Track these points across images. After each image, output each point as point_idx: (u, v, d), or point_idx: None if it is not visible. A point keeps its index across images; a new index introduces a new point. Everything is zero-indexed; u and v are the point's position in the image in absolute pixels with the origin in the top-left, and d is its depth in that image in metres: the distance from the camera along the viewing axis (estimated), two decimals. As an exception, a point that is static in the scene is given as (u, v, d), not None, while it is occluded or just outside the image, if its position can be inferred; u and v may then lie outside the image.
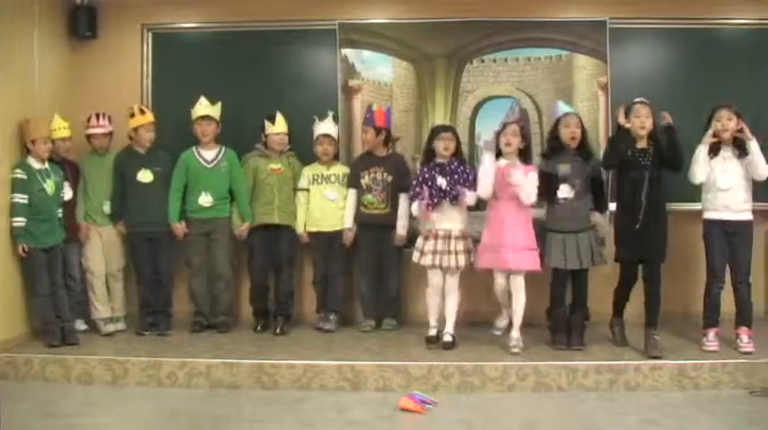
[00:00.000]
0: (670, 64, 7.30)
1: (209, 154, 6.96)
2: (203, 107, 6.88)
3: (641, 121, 6.16)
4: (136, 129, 6.84)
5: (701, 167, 6.22)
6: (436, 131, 6.51)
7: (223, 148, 7.01)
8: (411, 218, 6.75)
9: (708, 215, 6.30)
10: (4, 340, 6.25)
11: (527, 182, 6.11)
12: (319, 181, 7.05)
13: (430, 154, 6.43)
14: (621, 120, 6.18)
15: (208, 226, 6.96)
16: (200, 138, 6.92)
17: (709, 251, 6.29)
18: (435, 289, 6.41)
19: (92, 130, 6.90)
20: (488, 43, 7.32)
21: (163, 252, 6.99)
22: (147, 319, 6.94)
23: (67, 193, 6.70)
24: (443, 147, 6.37)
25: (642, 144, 6.20)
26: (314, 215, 7.05)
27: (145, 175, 6.87)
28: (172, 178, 6.94)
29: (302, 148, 7.11)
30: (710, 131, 6.14)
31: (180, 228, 6.92)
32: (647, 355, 6.02)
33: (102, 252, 6.94)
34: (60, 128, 6.73)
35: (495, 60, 7.34)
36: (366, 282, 7.06)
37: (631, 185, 6.15)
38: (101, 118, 6.89)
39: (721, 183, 6.19)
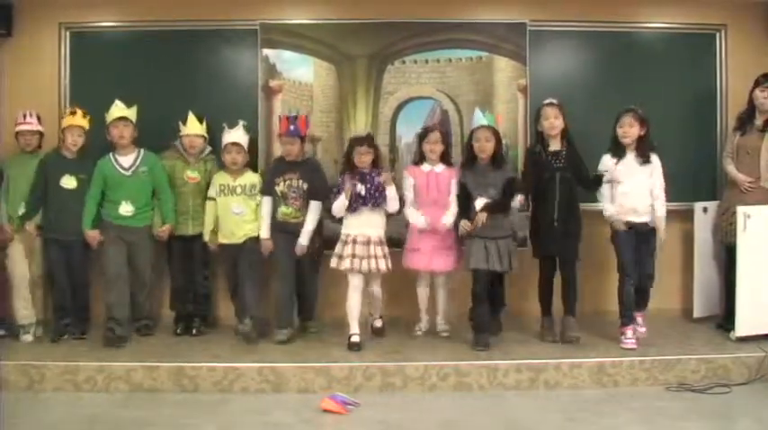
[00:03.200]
0: (589, 66, 7.43)
1: (126, 160, 6.64)
2: (119, 109, 6.59)
3: (550, 123, 6.45)
4: (64, 131, 6.62)
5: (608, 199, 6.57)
6: (352, 144, 6.60)
7: (141, 152, 6.71)
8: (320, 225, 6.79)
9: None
10: None
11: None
12: (226, 192, 6.75)
13: (350, 163, 6.48)
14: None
15: (129, 234, 6.64)
16: (117, 141, 6.61)
17: (619, 251, 6.53)
18: (357, 289, 6.47)
19: (19, 127, 6.69)
20: (410, 44, 7.35)
21: (78, 260, 6.71)
22: (61, 323, 6.68)
23: None
24: (359, 161, 6.48)
25: (554, 146, 6.49)
26: (222, 227, 6.79)
27: (69, 181, 6.60)
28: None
29: (218, 152, 6.89)
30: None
31: (93, 235, 6.58)
32: (563, 340, 6.44)
33: (25, 256, 6.71)
34: None
35: (416, 61, 7.36)
36: (283, 288, 6.67)
37: (545, 187, 6.49)
38: (28, 116, 6.70)
39: (624, 188, 6.49)
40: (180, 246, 6.93)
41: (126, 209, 6.61)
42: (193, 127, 6.80)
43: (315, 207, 6.61)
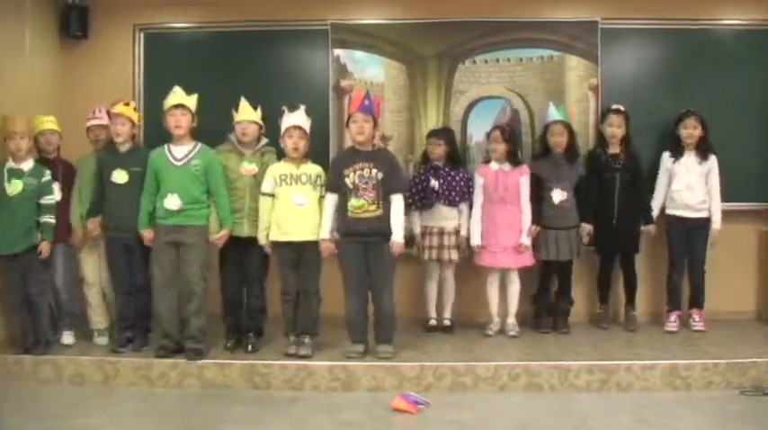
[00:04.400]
0: (661, 65, 7.29)
1: (179, 150, 6.11)
2: (177, 96, 6.15)
3: (612, 131, 6.83)
4: (112, 119, 6.36)
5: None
6: (427, 135, 6.88)
7: (198, 146, 6.17)
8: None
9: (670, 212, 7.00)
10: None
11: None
12: (288, 181, 6.10)
13: (425, 156, 6.63)
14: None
15: (176, 234, 6.04)
16: (173, 131, 6.08)
17: (669, 243, 6.95)
18: (432, 277, 6.95)
19: (89, 122, 6.60)
20: (480, 44, 7.31)
21: (136, 261, 6.32)
22: (123, 335, 6.35)
23: (56, 195, 6.40)
24: (430, 152, 6.76)
25: (614, 149, 6.86)
26: (281, 223, 6.09)
27: (120, 176, 6.24)
28: None
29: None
30: None
31: (146, 235, 6.12)
32: (625, 329, 6.96)
33: (96, 259, 6.58)
34: (44, 121, 6.46)
35: (486, 61, 7.33)
36: (355, 302, 6.10)
37: (605, 187, 6.86)
38: (98, 111, 6.61)
39: (679, 185, 6.83)
40: (234, 250, 6.31)
41: (172, 202, 6.01)
42: (246, 112, 6.34)
43: (398, 200, 6.04)
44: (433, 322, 6.97)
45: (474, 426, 5.17)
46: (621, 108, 6.86)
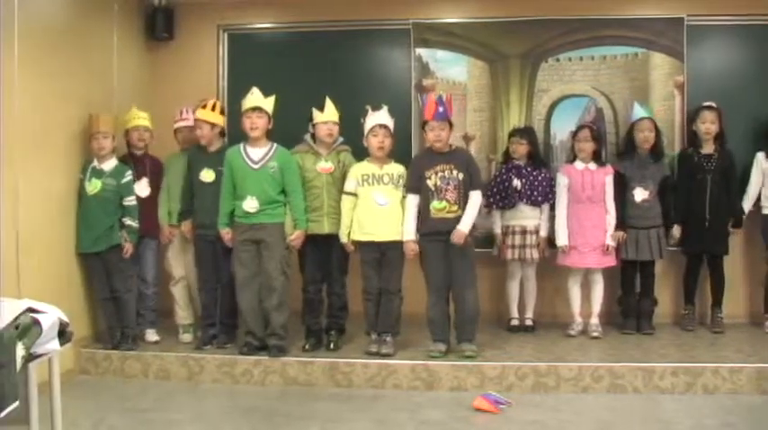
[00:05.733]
0: (749, 62, 7.14)
1: (256, 152, 6.16)
2: (255, 98, 6.17)
3: (707, 127, 6.61)
4: (197, 122, 6.46)
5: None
6: (509, 134, 6.86)
7: (274, 146, 6.21)
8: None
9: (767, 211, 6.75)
10: (84, 336, 6.32)
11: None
12: (370, 181, 6.16)
13: (507, 155, 6.62)
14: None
15: (256, 232, 6.12)
16: (249, 133, 6.13)
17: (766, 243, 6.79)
18: (513, 276, 6.92)
19: (177, 124, 6.75)
20: (563, 42, 7.27)
21: (222, 258, 6.38)
22: (208, 333, 6.47)
23: (143, 190, 6.52)
24: (512, 150, 6.74)
25: (707, 149, 6.66)
26: (363, 223, 6.13)
27: (207, 175, 6.39)
28: None
29: (361, 149, 6.34)
30: None
31: (225, 233, 6.19)
32: (711, 331, 6.78)
33: (183, 255, 6.75)
34: (136, 117, 6.57)
35: (570, 59, 7.28)
36: (437, 301, 6.11)
37: (696, 187, 6.69)
38: (185, 112, 6.73)
39: None
40: (314, 249, 6.33)
41: (250, 204, 6.08)
42: (332, 113, 6.30)
43: (476, 196, 6.04)
44: (515, 322, 6.94)
45: (556, 427, 5.12)
46: (714, 105, 6.68)
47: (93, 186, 6.21)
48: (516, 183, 6.62)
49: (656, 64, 7.19)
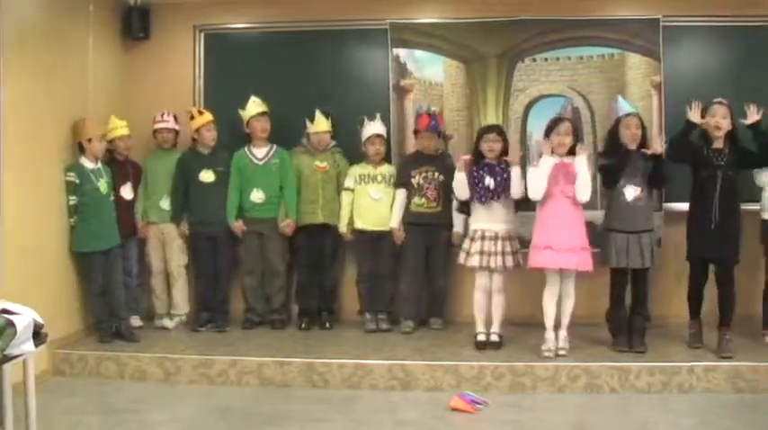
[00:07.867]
0: (725, 63, 7.13)
1: (260, 151, 7.12)
2: (258, 104, 7.03)
3: (716, 121, 6.09)
4: (198, 131, 7.02)
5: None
6: (481, 132, 6.55)
7: (274, 146, 7.14)
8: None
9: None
10: (61, 337, 6.30)
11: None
12: (366, 180, 7.10)
13: (478, 154, 6.41)
14: (693, 117, 6.21)
15: (260, 226, 7.09)
16: (260, 135, 7.06)
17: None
18: (482, 289, 6.39)
19: (157, 125, 7.14)
20: (540, 42, 7.25)
21: (223, 251, 7.16)
22: (203, 316, 7.11)
23: (128, 194, 6.89)
24: (488, 148, 6.39)
25: (718, 144, 6.14)
26: (359, 214, 7.08)
27: (207, 175, 7.06)
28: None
29: (350, 147, 7.20)
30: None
31: (238, 226, 7.07)
32: (718, 356, 5.94)
33: (161, 249, 7.23)
34: (118, 127, 6.86)
35: (546, 59, 7.27)
36: (411, 282, 7.00)
37: (704, 185, 6.11)
38: (165, 115, 7.13)
39: None
40: (308, 238, 7.16)
41: (257, 195, 7.07)
42: (321, 124, 7.08)
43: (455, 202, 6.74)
44: (481, 337, 6.40)
45: (532, 427, 5.14)
46: (724, 101, 6.22)
47: (103, 187, 6.50)
48: (489, 181, 6.41)
49: (632, 64, 7.20)
